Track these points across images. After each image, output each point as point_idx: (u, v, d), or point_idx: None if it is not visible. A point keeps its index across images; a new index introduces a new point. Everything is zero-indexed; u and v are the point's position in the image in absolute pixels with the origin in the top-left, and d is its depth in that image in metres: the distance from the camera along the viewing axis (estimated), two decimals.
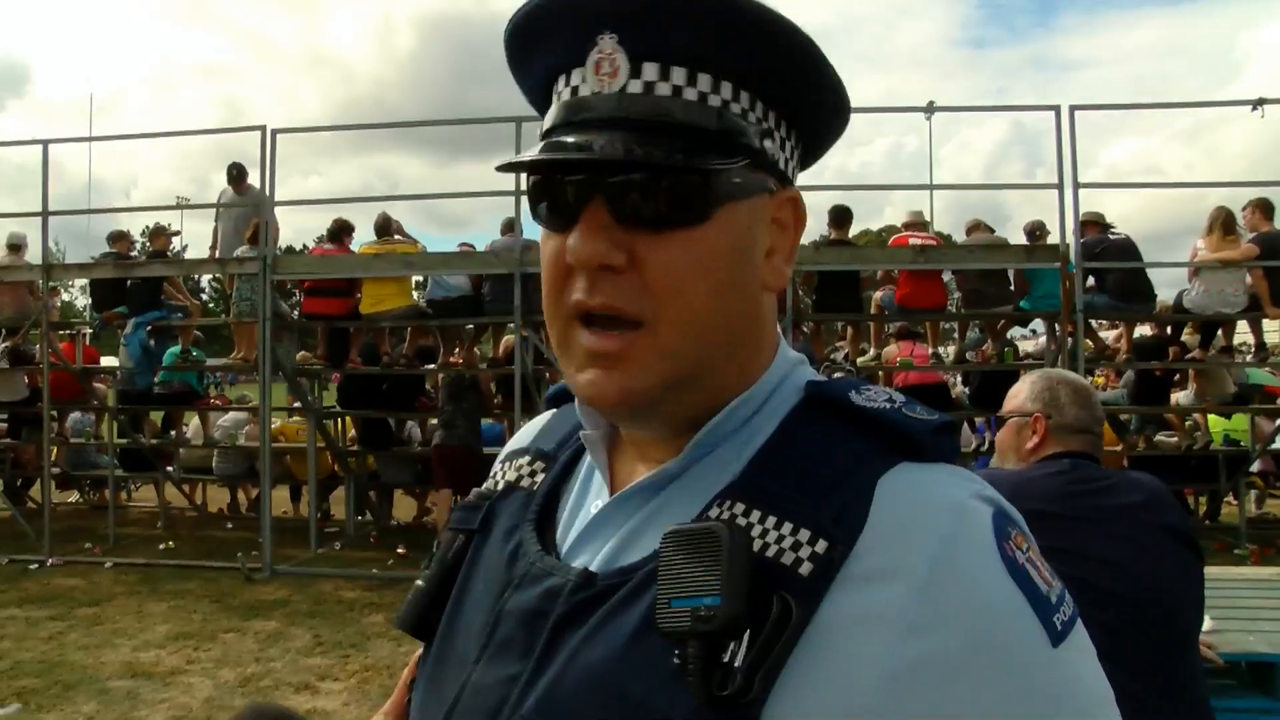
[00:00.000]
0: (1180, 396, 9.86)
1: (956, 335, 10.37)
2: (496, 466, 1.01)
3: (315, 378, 10.85)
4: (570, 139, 0.76)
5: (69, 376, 10.35)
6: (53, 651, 6.25)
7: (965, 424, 10.56)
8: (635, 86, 0.75)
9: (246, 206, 9.63)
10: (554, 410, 1.04)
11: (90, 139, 14.02)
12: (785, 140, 0.81)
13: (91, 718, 5.11)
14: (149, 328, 9.81)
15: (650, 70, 0.75)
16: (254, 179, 9.28)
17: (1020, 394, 2.57)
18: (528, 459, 0.97)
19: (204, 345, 11.25)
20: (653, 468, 0.82)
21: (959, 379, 11.23)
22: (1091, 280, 8.53)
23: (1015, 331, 11.20)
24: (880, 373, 9.75)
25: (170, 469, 11.55)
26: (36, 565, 8.90)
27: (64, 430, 11.68)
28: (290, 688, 5.56)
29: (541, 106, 0.84)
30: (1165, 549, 2.26)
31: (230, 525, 11.26)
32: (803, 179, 0.88)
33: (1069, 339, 8.26)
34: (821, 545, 0.70)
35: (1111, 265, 8.39)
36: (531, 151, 0.77)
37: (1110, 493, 2.32)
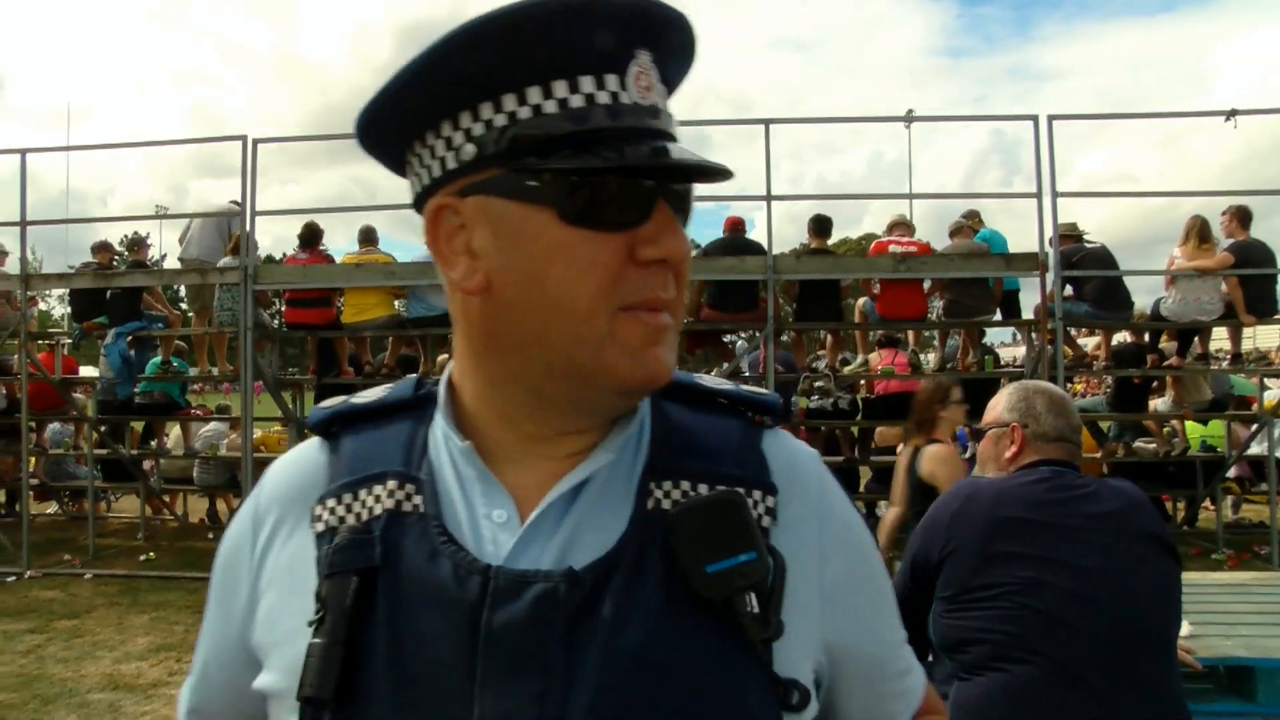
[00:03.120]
0: (1158, 403, 9.94)
1: (937, 343, 10.42)
2: (316, 508, 0.88)
3: (298, 387, 10.81)
4: (642, 147, 0.79)
5: (48, 387, 10.28)
6: (30, 665, 6.20)
7: None
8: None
9: (226, 216, 9.60)
10: (319, 440, 0.96)
11: (69, 148, 13.88)
12: None
13: None
14: (129, 338, 9.75)
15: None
16: (234, 188, 9.24)
17: (998, 405, 2.63)
18: (396, 484, 0.86)
19: (186, 355, 11.20)
20: (549, 464, 0.86)
21: None
22: (1069, 289, 8.61)
23: (994, 339, 11.26)
24: (863, 380, 9.80)
25: (150, 479, 11.48)
26: (13, 578, 8.82)
27: (42, 441, 11.60)
28: None
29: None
30: (1144, 555, 2.29)
31: (211, 535, 11.18)
32: (782, 187, 0.96)
33: (1049, 347, 8.32)
34: (770, 501, 0.86)
35: (1091, 274, 8.47)
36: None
37: (1090, 500, 2.35)
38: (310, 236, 9.59)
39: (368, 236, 9.53)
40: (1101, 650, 2.15)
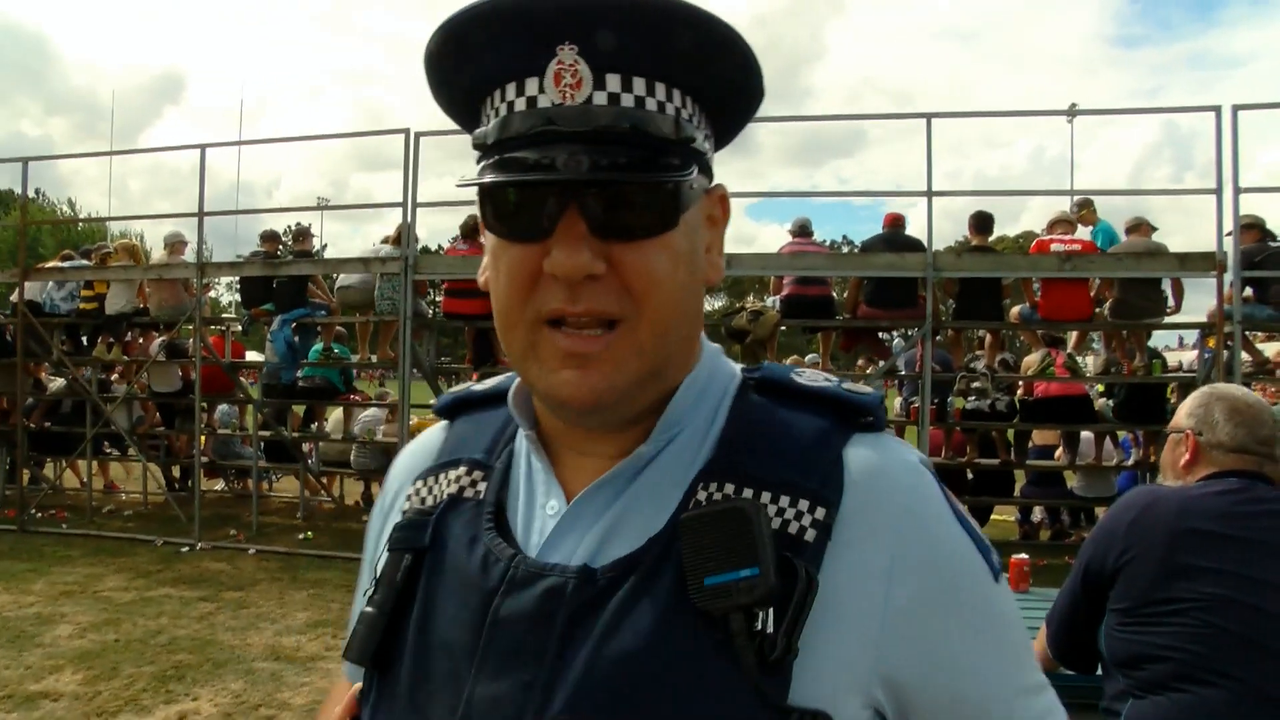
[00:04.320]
0: None
1: (1100, 345, 10.00)
2: (409, 487, 0.98)
3: (453, 376, 11.08)
4: (532, 155, 0.76)
5: (218, 370, 10.81)
6: (204, 630, 6.53)
7: (1109, 438, 10.18)
8: (600, 98, 0.76)
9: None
10: (445, 423, 1.03)
11: (241, 143, 14.68)
12: (710, 137, 0.86)
13: (239, 695, 5.31)
14: (294, 324, 10.16)
15: (614, 81, 0.76)
16: (397, 180, 9.52)
17: (1182, 409, 2.49)
18: (464, 470, 0.94)
19: (347, 342, 11.61)
20: (595, 461, 0.85)
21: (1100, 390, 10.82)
22: (1249, 290, 8.11)
23: (1159, 342, 10.73)
24: (1020, 383, 9.48)
25: (310, 461, 11.95)
26: (187, 548, 9.32)
27: (212, 421, 12.21)
28: None
29: (464, 116, 0.86)
30: None
31: (366, 518, 11.53)
32: (941, 183, 0.88)
33: (1224, 351, 7.87)
34: (820, 512, 0.78)
35: (1273, 275, 7.96)
36: (491, 172, 0.79)
37: None
38: (473, 229, 9.77)
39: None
40: None
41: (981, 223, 8.88)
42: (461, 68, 0.81)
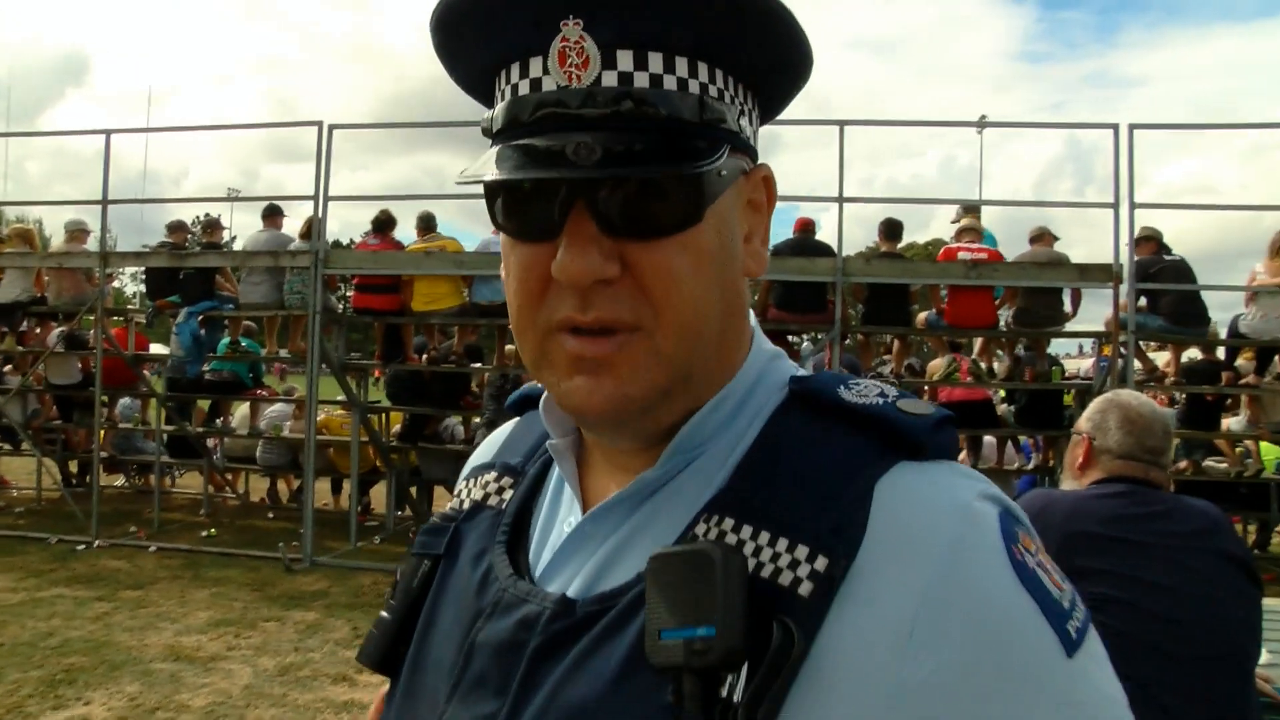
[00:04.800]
0: (1232, 422, 9.69)
1: (1003, 352, 10.26)
2: (460, 484, 0.94)
3: (361, 372, 10.95)
4: (541, 143, 0.68)
5: (120, 363, 10.50)
6: (99, 631, 6.35)
7: (1010, 443, 10.46)
8: (610, 78, 0.68)
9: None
10: (518, 419, 0.98)
11: (149, 129, 14.24)
12: (751, 112, 0.76)
13: (135, 698, 5.18)
14: (200, 317, 9.94)
15: (625, 59, 0.68)
16: (306, 173, 9.35)
17: (1085, 413, 2.59)
18: (494, 475, 0.90)
19: (255, 336, 11.40)
20: (627, 478, 0.76)
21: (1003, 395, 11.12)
22: (1143, 300, 8.41)
23: (1060, 350, 11.05)
24: (925, 388, 9.68)
25: (214, 457, 11.70)
26: (83, 546, 9.04)
27: (113, 415, 11.88)
28: (328, 679, 5.60)
29: (478, 92, 0.78)
30: (1224, 578, 2.23)
31: (271, 515, 11.38)
32: (853, 190, 0.85)
33: (1118, 360, 8.14)
34: (821, 562, 0.64)
35: (1166, 287, 8.27)
36: (494, 164, 0.70)
37: (1167, 518, 2.30)
38: (383, 223, 9.71)
39: (427, 224, 9.65)
40: (1179, 673, 2.09)
41: (891, 230, 9.04)
42: (465, 46, 0.73)
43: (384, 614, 0.86)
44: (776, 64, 0.74)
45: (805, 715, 0.61)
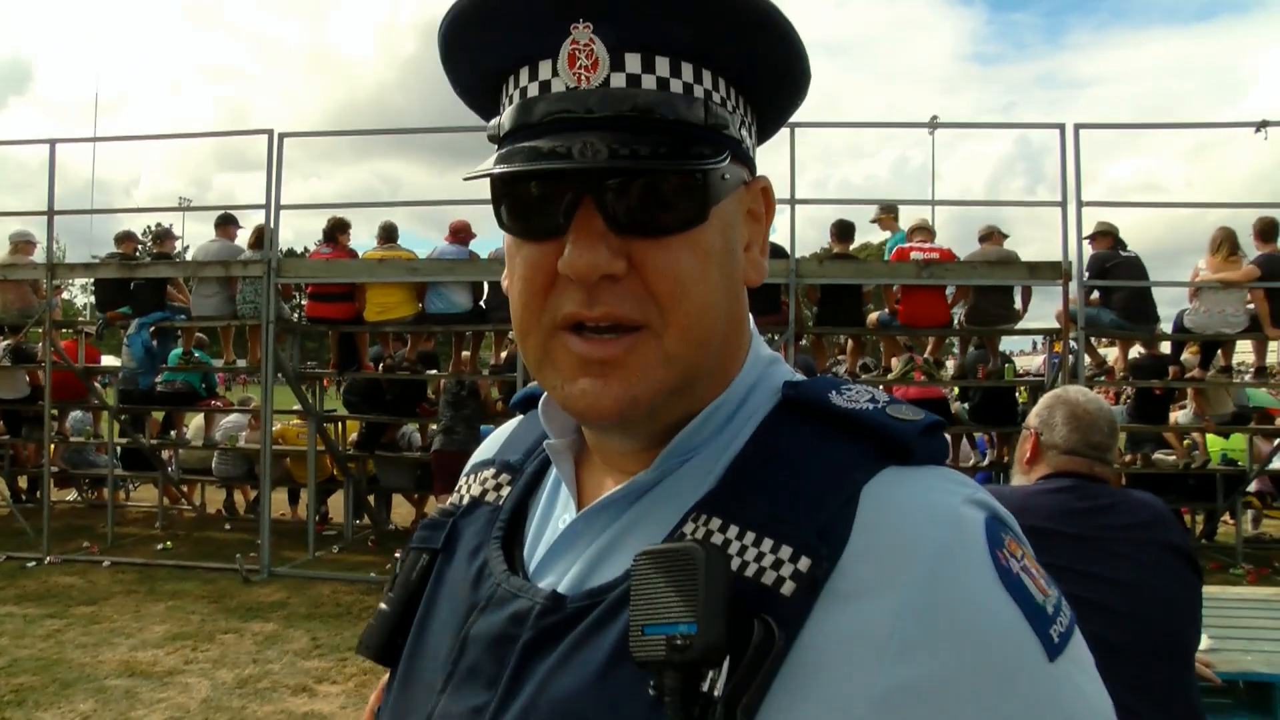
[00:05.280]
0: (1179, 415, 9.88)
1: (957, 350, 10.39)
2: (462, 480, 0.96)
3: (316, 381, 10.86)
4: (549, 143, 0.69)
5: (70, 375, 10.34)
6: (50, 649, 6.24)
7: (965, 439, 10.58)
8: (618, 80, 0.69)
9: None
10: (520, 417, 1.00)
11: (96, 139, 14.04)
12: (750, 126, 0.78)
13: (88, 716, 5.11)
14: (152, 328, 9.81)
15: (634, 62, 0.70)
16: (258, 182, 9.28)
17: (1034, 408, 2.63)
18: (492, 471, 0.92)
19: (207, 347, 11.27)
20: (623, 479, 0.78)
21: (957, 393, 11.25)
22: (1096, 294, 8.56)
23: (1012, 347, 11.20)
24: (881, 387, 9.75)
25: (169, 469, 11.55)
26: (34, 563, 8.89)
27: (64, 429, 11.68)
28: (288, 690, 5.56)
29: (480, 102, 0.80)
30: (1169, 569, 2.28)
31: (228, 526, 11.26)
32: (804, 191, 0.87)
33: (1070, 356, 8.27)
34: (805, 563, 0.65)
35: (1115, 283, 8.42)
36: (507, 160, 0.71)
37: (1113, 511, 2.34)
38: (334, 230, 9.63)
39: (388, 234, 9.55)
40: (1124, 662, 2.13)
41: (843, 231, 9.12)
42: (475, 51, 0.75)
43: (383, 606, 0.88)
44: (777, 77, 0.76)
45: (786, 712, 0.63)
